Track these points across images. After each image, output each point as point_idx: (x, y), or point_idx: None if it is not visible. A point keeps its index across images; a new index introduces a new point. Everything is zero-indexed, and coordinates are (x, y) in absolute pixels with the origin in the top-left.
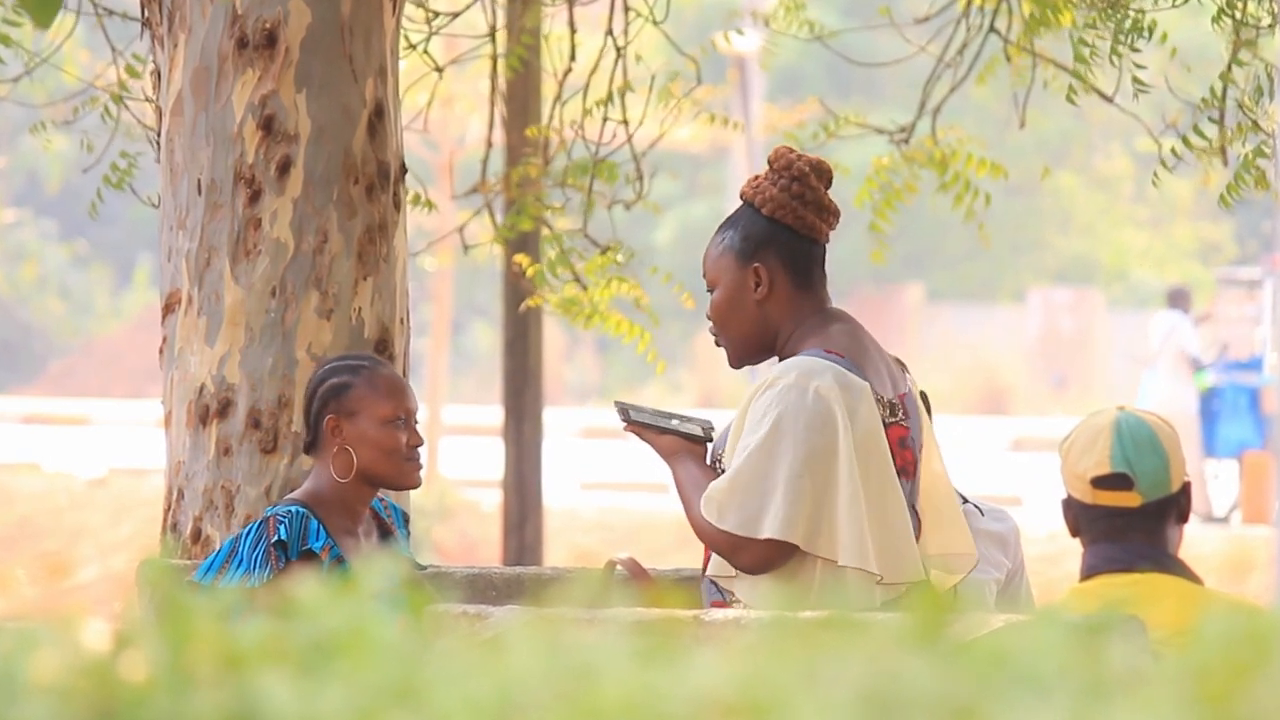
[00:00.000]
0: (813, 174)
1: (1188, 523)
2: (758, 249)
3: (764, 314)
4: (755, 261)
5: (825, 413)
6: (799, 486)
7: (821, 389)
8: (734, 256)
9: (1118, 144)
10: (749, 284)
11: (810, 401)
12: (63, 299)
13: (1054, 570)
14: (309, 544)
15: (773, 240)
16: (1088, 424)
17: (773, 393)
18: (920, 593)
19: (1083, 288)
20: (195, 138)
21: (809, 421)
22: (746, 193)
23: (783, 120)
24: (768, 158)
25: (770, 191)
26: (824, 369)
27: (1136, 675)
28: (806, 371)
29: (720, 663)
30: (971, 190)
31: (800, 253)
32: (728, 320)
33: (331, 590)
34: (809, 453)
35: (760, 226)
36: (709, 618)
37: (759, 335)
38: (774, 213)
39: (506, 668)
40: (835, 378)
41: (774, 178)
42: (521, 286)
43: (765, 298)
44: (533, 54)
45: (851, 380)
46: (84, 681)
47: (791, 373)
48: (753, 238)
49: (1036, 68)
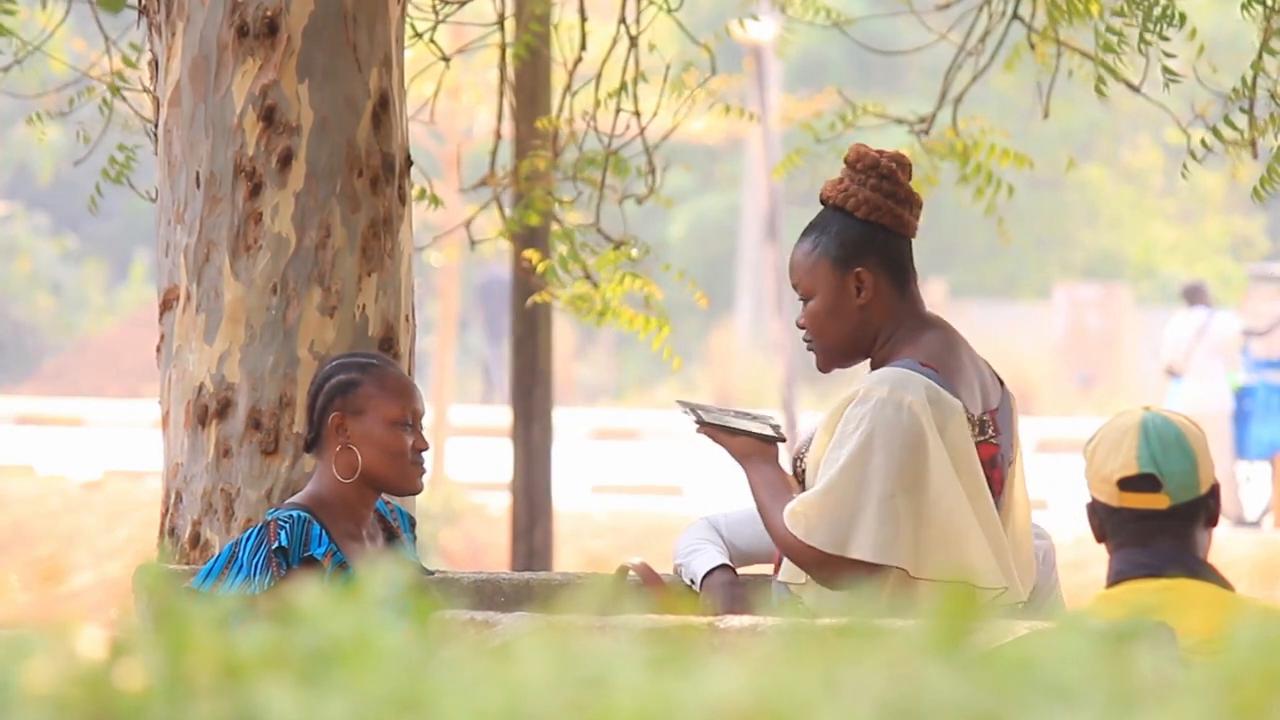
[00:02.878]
0: (900, 169)
1: (1216, 526)
2: (857, 253)
3: (865, 319)
4: (856, 267)
5: (917, 430)
6: (891, 507)
7: (914, 404)
8: (831, 264)
9: (1146, 135)
10: (850, 290)
11: (905, 419)
12: (55, 295)
13: (1080, 576)
14: (311, 550)
15: (870, 243)
16: (1113, 425)
17: (866, 407)
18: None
19: (1110, 284)
20: (194, 129)
21: (903, 440)
22: (833, 196)
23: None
24: (845, 158)
25: (861, 193)
26: (918, 384)
27: (1166, 685)
28: (900, 385)
29: (736, 671)
30: (994, 182)
31: (898, 251)
32: (827, 328)
33: (334, 597)
34: (900, 471)
35: (855, 230)
36: (724, 624)
37: (860, 340)
38: (869, 215)
39: (515, 677)
40: (927, 392)
41: (860, 178)
42: (532, 282)
43: (868, 302)
44: (542, 42)
45: (943, 397)
46: (79, 691)
47: (885, 385)
48: (850, 243)
49: (1061, 56)
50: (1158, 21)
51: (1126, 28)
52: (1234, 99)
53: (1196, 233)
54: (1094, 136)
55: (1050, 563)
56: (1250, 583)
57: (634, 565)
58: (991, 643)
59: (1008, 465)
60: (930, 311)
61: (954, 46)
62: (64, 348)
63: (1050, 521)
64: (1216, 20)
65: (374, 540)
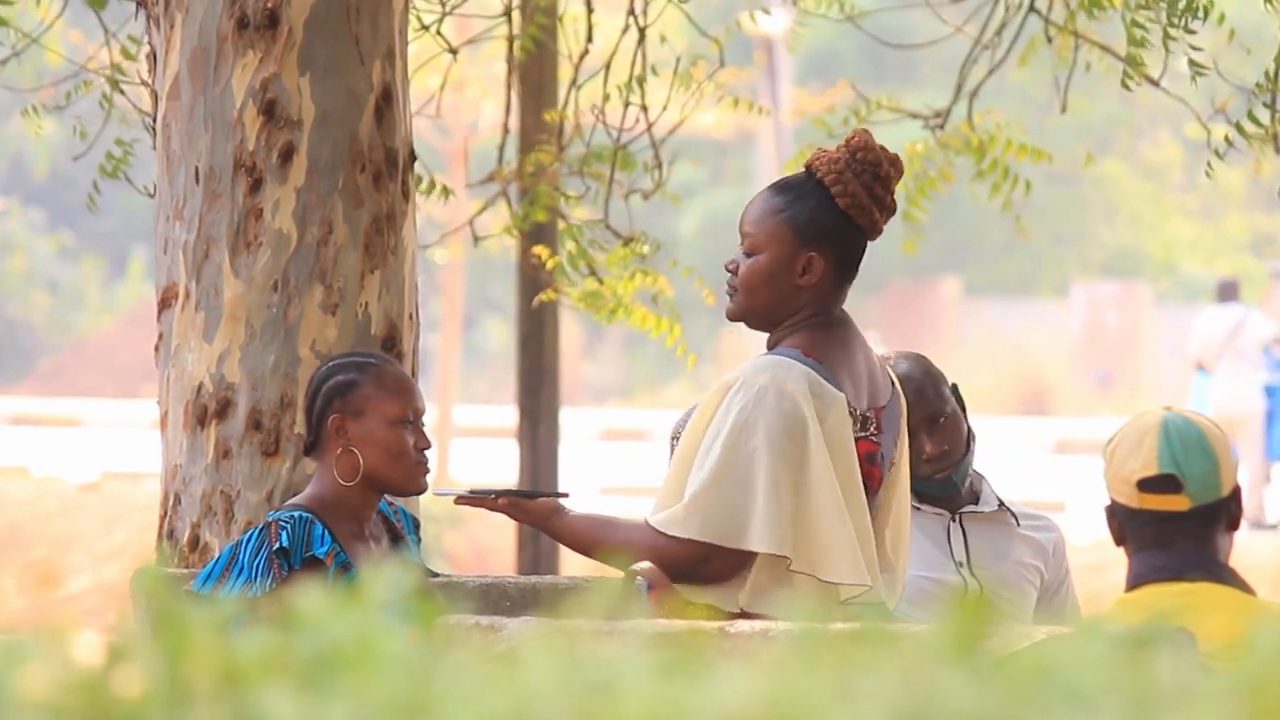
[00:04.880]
0: (894, 176)
1: (1238, 530)
2: (821, 238)
3: (795, 297)
4: (813, 250)
5: (799, 418)
6: (778, 495)
7: (796, 392)
8: (793, 234)
9: (1166, 130)
10: (797, 268)
11: (787, 406)
12: (52, 293)
13: (1099, 580)
14: (313, 550)
15: (838, 234)
16: (1133, 425)
17: (749, 395)
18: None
19: (1129, 281)
20: (193, 123)
21: (785, 427)
22: (822, 172)
23: (812, 105)
24: (850, 140)
25: (852, 185)
26: (799, 373)
27: (1186, 691)
28: (782, 373)
29: (747, 677)
30: (1011, 178)
31: (856, 250)
32: (759, 290)
33: (337, 600)
34: (783, 460)
35: (830, 216)
36: (735, 629)
37: (779, 314)
38: (849, 208)
39: (521, 683)
40: (809, 382)
41: (857, 168)
42: (539, 279)
43: (807, 285)
44: (548, 35)
45: (825, 388)
46: (76, 698)
47: (766, 373)
48: (820, 224)
49: (1080, 49)
50: (1183, 14)
51: (1150, 22)
52: (1258, 93)
53: (1217, 229)
54: (1112, 131)
55: (1060, 555)
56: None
57: (643, 569)
58: (1008, 648)
59: (889, 465)
60: (841, 310)
61: (969, 39)
62: (60, 346)
63: (1067, 524)
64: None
65: (378, 542)
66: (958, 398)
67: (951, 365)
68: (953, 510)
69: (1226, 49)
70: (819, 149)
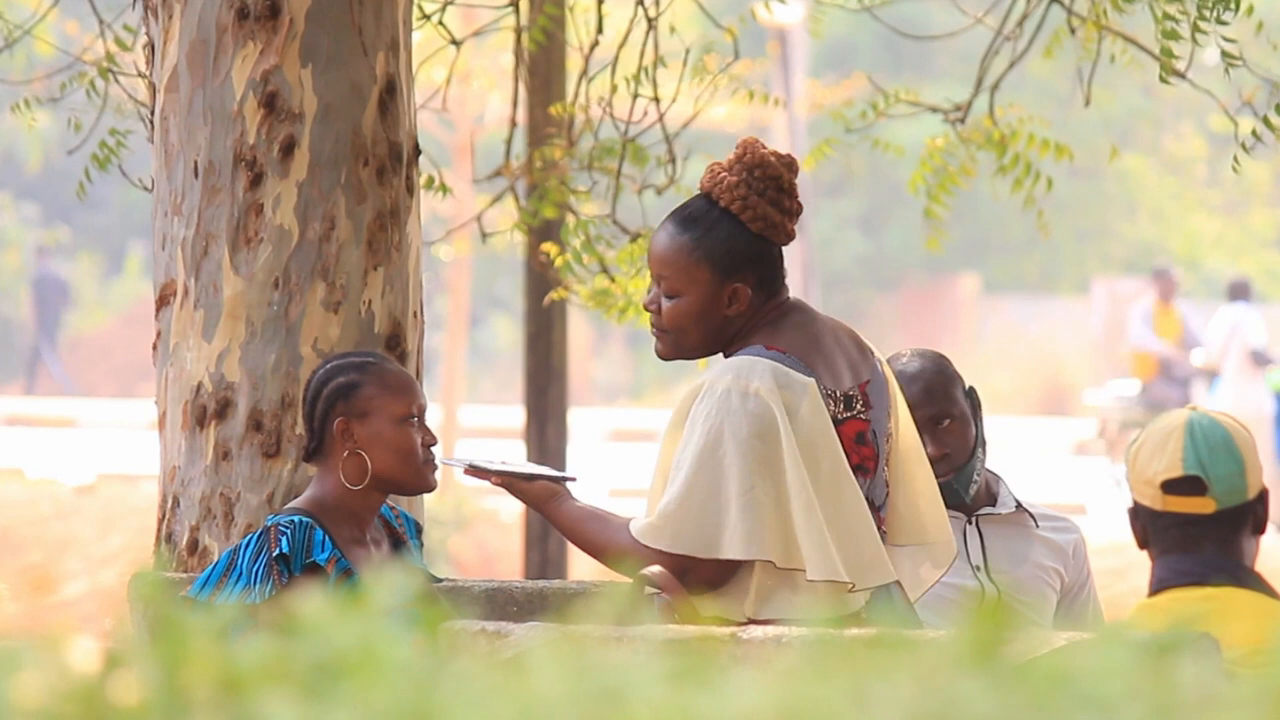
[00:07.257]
0: (795, 175)
1: (1264, 534)
2: (741, 267)
3: (729, 325)
4: (735, 280)
5: (767, 417)
6: (753, 499)
7: (761, 390)
8: (710, 270)
9: (1190, 123)
10: (723, 300)
11: (753, 406)
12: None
13: (1121, 584)
14: (314, 556)
15: (757, 258)
16: (1158, 425)
17: (713, 400)
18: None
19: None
20: (192, 116)
21: (753, 429)
22: (727, 200)
23: (828, 97)
24: (740, 158)
25: (760, 206)
26: (763, 369)
27: (1209, 698)
28: (745, 373)
29: (760, 684)
30: (1032, 173)
31: (777, 264)
32: (688, 330)
33: (338, 606)
34: (756, 463)
35: (744, 243)
36: (747, 635)
37: (716, 343)
38: (763, 231)
39: (528, 690)
40: (774, 376)
41: (759, 187)
42: (547, 277)
43: (736, 314)
44: (556, 25)
45: (792, 378)
46: (72, 706)
47: (728, 375)
48: (737, 254)
49: (1103, 41)
50: (1214, 6)
51: (1181, 14)
52: None
53: (1242, 225)
54: (1135, 124)
55: (1081, 557)
56: None
57: (653, 574)
58: (1027, 654)
59: (884, 438)
60: (791, 298)
61: (990, 31)
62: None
63: (1089, 527)
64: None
65: (379, 546)
66: (974, 403)
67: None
68: (969, 513)
69: (1253, 41)
70: (710, 170)
